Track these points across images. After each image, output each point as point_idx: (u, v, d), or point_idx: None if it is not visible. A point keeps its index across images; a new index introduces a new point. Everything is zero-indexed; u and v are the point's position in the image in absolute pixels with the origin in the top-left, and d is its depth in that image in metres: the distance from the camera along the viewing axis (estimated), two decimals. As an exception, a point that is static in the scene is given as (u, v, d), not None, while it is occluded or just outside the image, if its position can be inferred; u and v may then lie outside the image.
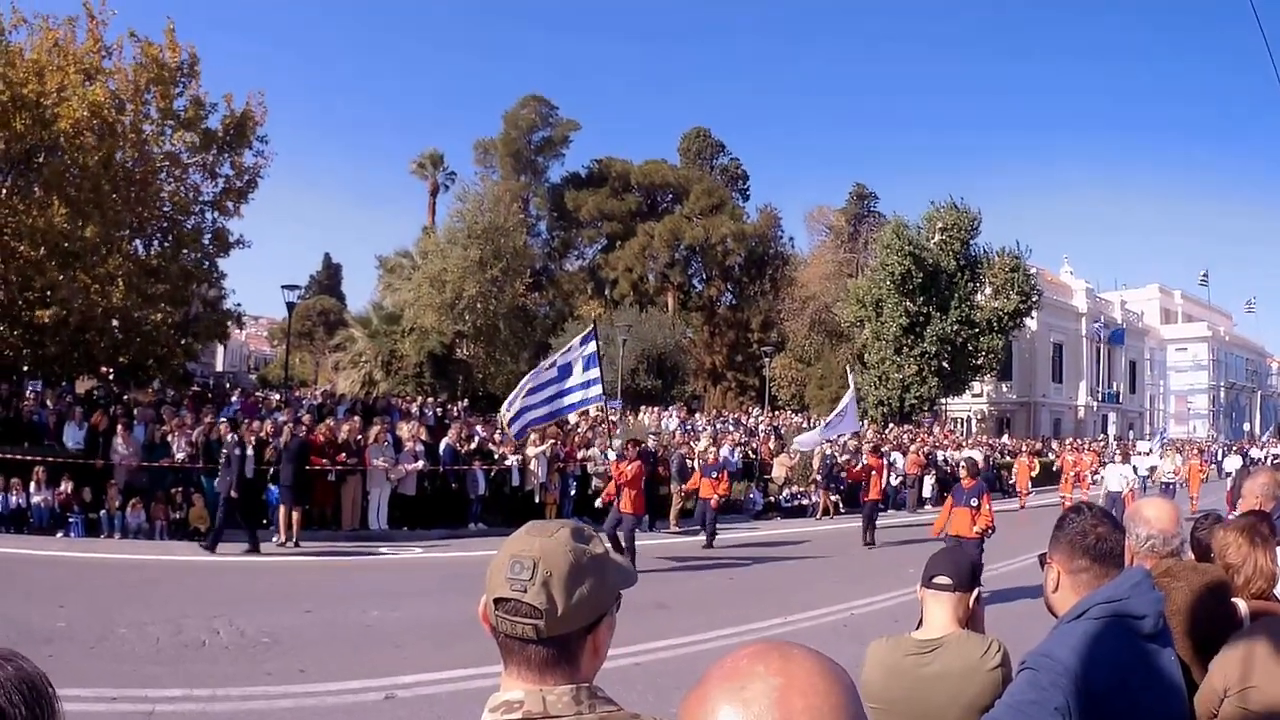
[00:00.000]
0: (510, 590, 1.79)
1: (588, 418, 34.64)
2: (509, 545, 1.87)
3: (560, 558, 1.82)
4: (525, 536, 1.88)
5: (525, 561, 1.81)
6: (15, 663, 1.33)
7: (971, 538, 15.63)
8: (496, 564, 1.85)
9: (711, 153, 76.25)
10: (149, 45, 28.94)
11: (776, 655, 1.17)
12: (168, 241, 31.06)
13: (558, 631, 1.80)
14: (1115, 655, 2.88)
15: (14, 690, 1.29)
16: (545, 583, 1.79)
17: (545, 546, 1.84)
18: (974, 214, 56.76)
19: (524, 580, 1.79)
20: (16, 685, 1.29)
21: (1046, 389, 73.86)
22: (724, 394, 68.94)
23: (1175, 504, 4.51)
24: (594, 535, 1.95)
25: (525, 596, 1.78)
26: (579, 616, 1.83)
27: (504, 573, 1.82)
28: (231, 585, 14.13)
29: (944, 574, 4.01)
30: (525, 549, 1.83)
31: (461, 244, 45.47)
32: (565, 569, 1.81)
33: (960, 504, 16.24)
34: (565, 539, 1.87)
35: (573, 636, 1.83)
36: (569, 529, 1.92)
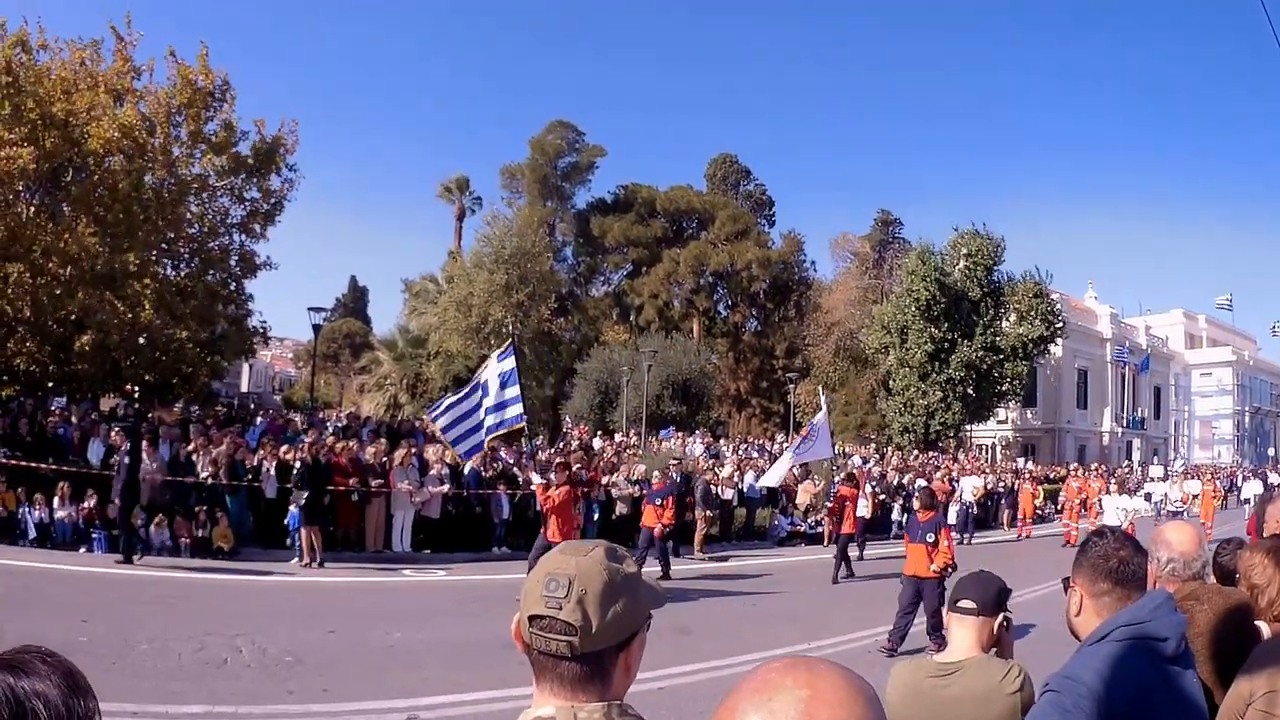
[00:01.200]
0: (545, 607, 1.82)
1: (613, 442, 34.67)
2: (544, 564, 1.90)
3: (595, 576, 1.85)
4: (560, 555, 1.91)
5: (561, 579, 1.83)
6: (56, 658, 1.35)
7: (929, 577, 13.75)
8: (532, 582, 1.87)
9: (737, 179, 76.29)
10: (184, 67, 29.11)
11: (804, 668, 1.21)
12: (195, 262, 31.20)
13: (591, 648, 1.82)
14: (1137, 677, 2.88)
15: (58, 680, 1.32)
16: (580, 600, 1.81)
17: (581, 565, 1.86)
18: (998, 240, 56.54)
19: (559, 597, 1.81)
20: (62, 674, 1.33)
21: (1071, 415, 73.44)
22: (749, 420, 68.82)
23: (1197, 527, 4.48)
24: (626, 555, 1.99)
25: (560, 613, 1.81)
26: (612, 634, 1.85)
27: (539, 590, 1.84)
28: (255, 604, 14.11)
29: (969, 598, 4.05)
30: (561, 567, 1.86)
31: (488, 268, 45.57)
32: (600, 587, 1.84)
33: (915, 540, 14.29)
34: (600, 558, 1.90)
35: (606, 654, 1.85)
36: (603, 548, 1.95)
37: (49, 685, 1.30)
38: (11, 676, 1.28)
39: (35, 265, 25.00)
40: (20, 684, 1.28)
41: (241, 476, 20.67)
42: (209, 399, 33.70)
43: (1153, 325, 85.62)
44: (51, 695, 1.27)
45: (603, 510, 25.37)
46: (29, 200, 26.00)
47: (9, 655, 1.33)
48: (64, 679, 1.30)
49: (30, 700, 1.25)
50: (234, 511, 20.31)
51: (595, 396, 51.33)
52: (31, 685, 1.28)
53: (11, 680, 1.28)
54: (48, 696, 1.26)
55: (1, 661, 1.31)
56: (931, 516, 14.64)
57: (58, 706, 1.27)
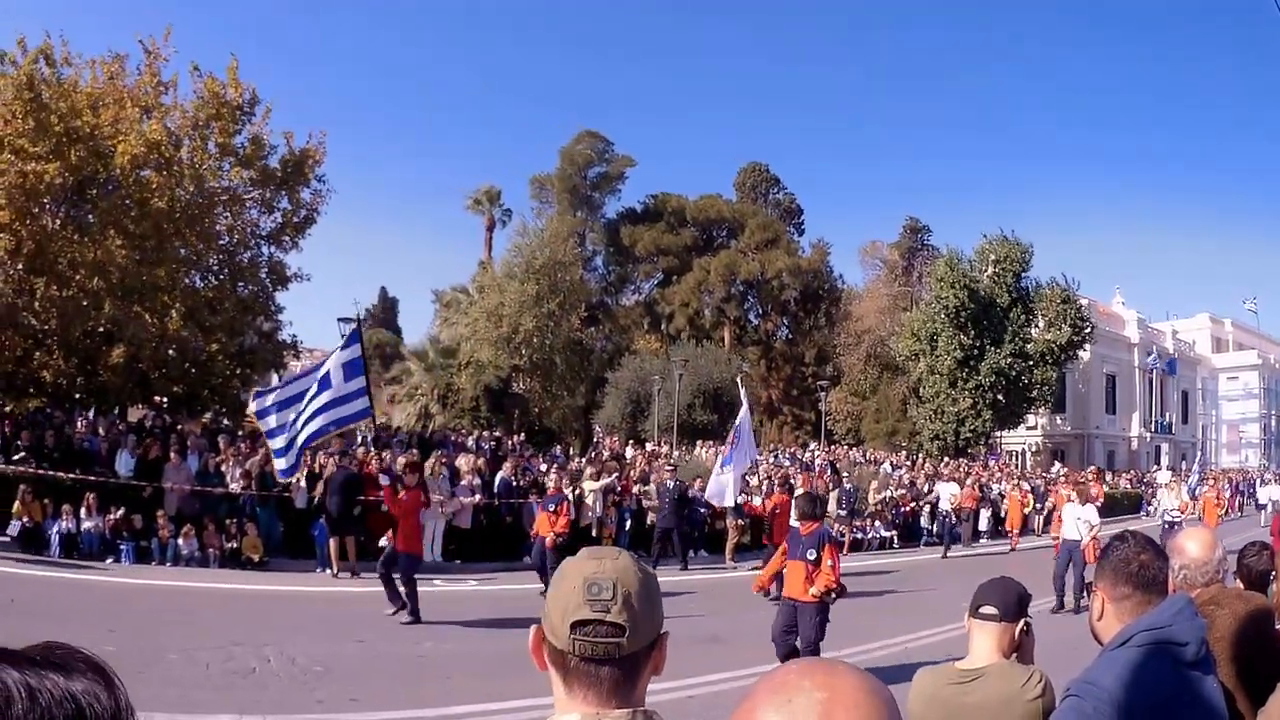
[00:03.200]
0: (592, 612, 1.81)
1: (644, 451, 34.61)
2: (576, 570, 1.89)
3: (632, 577, 1.88)
4: (593, 561, 1.91)
5: (604, 582, 1.84)
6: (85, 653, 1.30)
7: (808, 601, 11.47)
8: (566, 590, 1.87)
9: (766, 187, 76.30)
10: (211, 81, 29.26)
11: (822, 670, 1.22)
12: (224, 274, 31.33)
13: (635, 648, 1.84)
14: (1158, 682, 2.90)
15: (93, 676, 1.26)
16: (626, 600, 1.83)
17: (617, 567, 1.88)
18: (1025, 246, 56.63)
19: (605, 600, 1.82)
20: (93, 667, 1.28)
21: (1100, 420, 73.50)
22: (780, 428, 68.76)
23: (1213, 532, 4.43)
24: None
25: (609, 616, 1.81)
26: (649, 633, 1.88)
27: (580, 596, 1.83)
28: (283, 614, 14.09)
29: (990, 604, 4.02)
30: (600, 571, 1.87)
31: (519, 279, 45.65)
32: (638, 587, 1.87)
33: (795, 556, 11.84)
34: (630, 560, 1.93)
35: (641, 655, 1.87)
36: (626, 552, 1.98)
37: (92, 682, 1.23)
38: (63, 676, 1.19)
39: (62, 278, 25.14)
40: (73, 684, 1.20)
41: (271, 487, 20.71)
42: (238, 410, 33.84)
43: (1179, 330, 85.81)
44: (100, 693, 1.22)
45: (635, 519, 25.34)
46: (55, 213, 26.14)
47: (47, 654, 1.25)
48: (99, 674, 1.25)
49: (85, 697, 1.20)
50: (263, 522, 20.36)
51: (627, 406, 51.35)
52: (83, 684, 1.20)
53: (65, 680, 1.19)
54: (97, 694, 1.22)
55: (45, 660, 1.22)
56: (814, 529, 11.95)
57: (108, 702, 1.22)
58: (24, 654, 1.23)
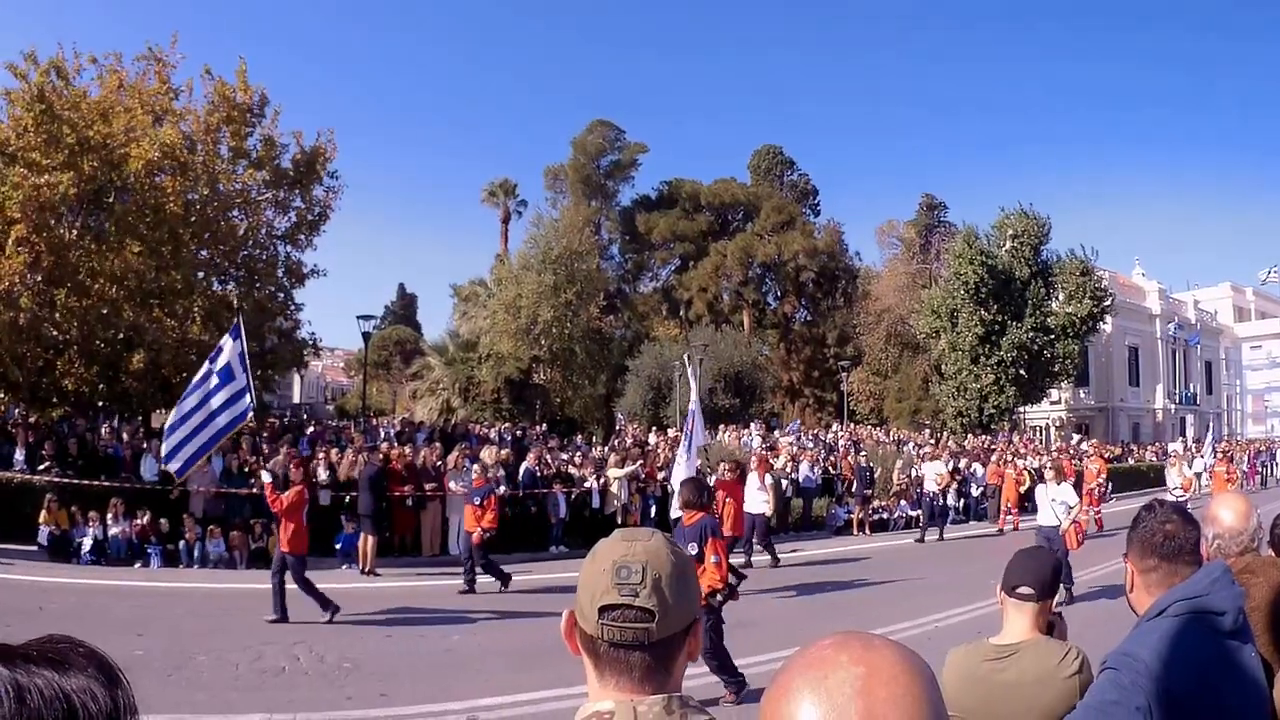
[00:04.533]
0: (620, 596, 1.77)
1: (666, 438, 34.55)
2: (607, 553, 1.85)
3: (664, 560, 1.83)
4: (623, 543, 1.87)
5: (634, 566, 1.80)
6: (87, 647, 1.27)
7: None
8: (595, 573, 1.83)
9: (781, 170, 76.19)
10: (222, 84, 29.31)
11: (859, 644, 1.18)
12: (242, 276, 31.37)
13: (666, 634, 1.79)
14: (1195, 653, 2.85)
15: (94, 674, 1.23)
16: (656, 585, 1.78)
17: (649, 550, 1.84)
18: (1044, 220, 56.39)
19: (634, 585, 1.78)
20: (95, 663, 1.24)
21: (1124, 393, 73.17)
22: (802, 410, 68.62)
23: (1248, 500, 4.33)
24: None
25: (638, 600, 1.77)
26: (683, 618, 1.83)
27: (608, 580, 1.80)
28: (312, 613, 14.10)
29: (1026, 584, 3.98)
30: (629, 554, 1.82)
31: (535, 270, 45.59)
32: (670, 570, 1.82)
33: None
34: (662, 542, 1.88)
35: (674, 640, 1.82)
36: (659, 534, 1.93)
37: (91, 679, 1.21)
38: (57, 673, 1.20)
39: (81, 287, 25.20)
40: (68, 681, 1.20)
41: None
42: (261, 411, 33.90)
43: (1201, 299, 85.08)
44: (98, 691, 1.19)
45: (659, 506, 25.31)
46: (71, 224, 26.20)
47: (44, 648, 1.24)
48: (100, 670, 1.22)
49: (79, 696, 1.16)
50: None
51: (648, 393, 51.29)
52: (79, 682, 1.20)
53: (58, 677, 1.19)
54: (94, 692, 1.18)
55: (40, 656, 1.21)
56: (697, 520, 10.57)
57: (105, 700, 1.19)
58: (19, 650, 1.20)
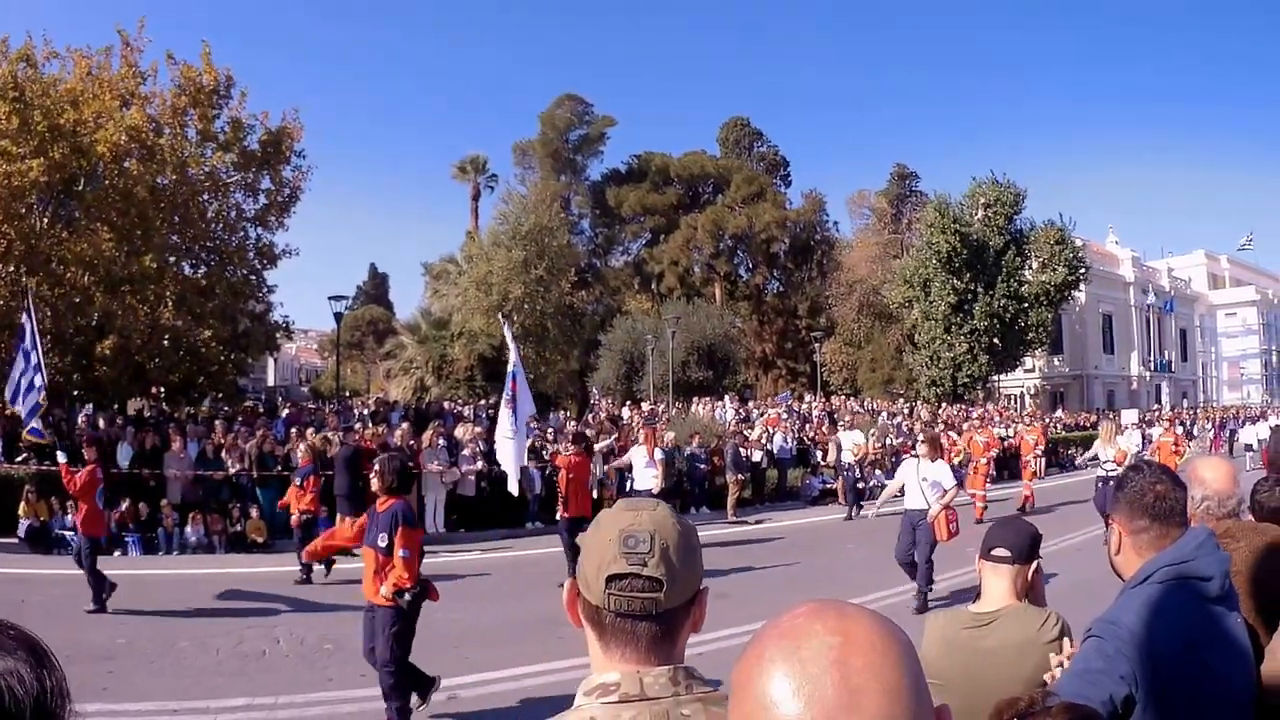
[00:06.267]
0: (628, 565, 1.78)
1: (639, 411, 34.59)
2: (612, 522, 1.86)
3: (670, 529, 1.84)
4: (629, 513, 1.88)
5: (641, 535, 1.80)
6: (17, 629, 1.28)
7: (382, 605, 8.63)
8: (601, 542, 1.83)
9: (750, 141, 75.92)
10: (187, 68, 29.18)
11: (834, 613, 1.14)
12: (213, 260, 31.28)
13: (673, 603, 1.80)
14: (1181, 620, 2.85)
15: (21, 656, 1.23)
16: (664, 554, 1.79)
17: (655, 519, 1.85)
18: (1017, 189, 56.33)
19: (642, 554, 1.78)
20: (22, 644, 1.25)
21: (1099, 360, 73.33)
22: (775, 381, 68.65)
23: (1232, 463, 4.38)
24: None
25: (645, 569, 1.78)
26: (690, 587, 1.85)
27: (615, 549, 1.80)
28: (291, 595, 14.14)
29: (1002, 546, 3.99)
30: (636, 523, 1.83)
31: (505, 246, 45.48)
32: (677, 540, 1.83)
33: (369, 541, 8.89)
34: (667, 511, 1.90)
35: (679, 610, 1.84)
36: (663, 504, 1.94)
37: (19, 661, 1.20)
38: None
39: (53, 275, 25.11)
40: None
41: (271, 468, 20.77)
42: (236, 395, 33.82)
43: (1175, 267, 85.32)
44: (24, 672, 1.19)
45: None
46: (42, 212, 26.08)
47: None
48: (30, 652, 1.22)
49: (5, 679, 1.17)
50: (265, 504, 20.40)
51: (621, 367, 51.26)
52: (4, 664, 1.19)
53: None
54: (20, 674, 1.19)
55: None
56: (390, 505, 8.87)
57: (31, 684, 1.19)
58: None
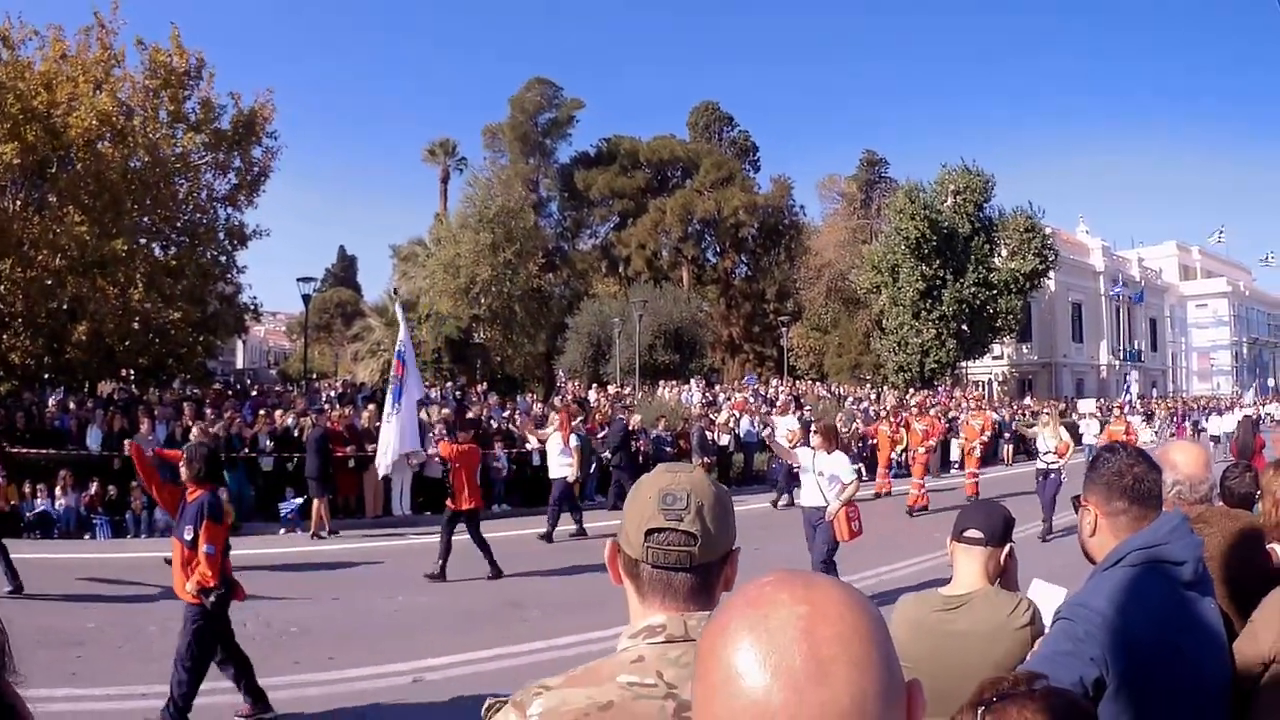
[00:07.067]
0: (665, 520, 1.89)
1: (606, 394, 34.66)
2: (652, 483, 1.97)
3: (706, 489, 1.95)
4: (668, 474, 1.98)
5: (679, 493, 1.91)
6: None
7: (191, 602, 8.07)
8: (642, 500, 1.95)
9: (720, 126, 75.74)
10: (156, 51, 29.03)
11: (800, 583, 1.12)
12: (183, 242, 31.15)
13: (707, 558, 1.91)
14: (1153, 604, 2.82)
15: None
16: (699, 511, 1.90)
17: (692, 480, 1.96)
18: (987, 176, 56.37)
19: (679, 510, 1.89)
20: None
21: (1067, 349, 73.36)
22: (742, 365, 68.65)
23: (1206, 448, 4.41)
24: None
25: (681, 525, 1.89)
26: (723, 544, 1.95)
27: (654, 505, 1.91)
28: (257, 578, 14.15)
29: (975, 527, 3.97)
30: (674, 483, 1.94)
31: (473, 229, 45.43)
32: (712, 499, 1.94)
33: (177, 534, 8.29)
34: (703, 474, 2.01)
35: (714, 566, 1.94)
36: (700, 467, 2.09)
37: None
38: None
39: (25, 258, 24.98)
40: None
41: (238, 450, 20.75)
42: (205, 378, 33.71)
43: (1146, 257, 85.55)
44: None
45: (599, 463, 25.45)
46: (15, 195, 25.93)
47: None
48: None
49: None
50: (233, 486, 20.36)
51: (588, 350, 51.23)
52: None
53: None
54: None
55: None
56: (198, 496, 8.19)
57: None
58: None
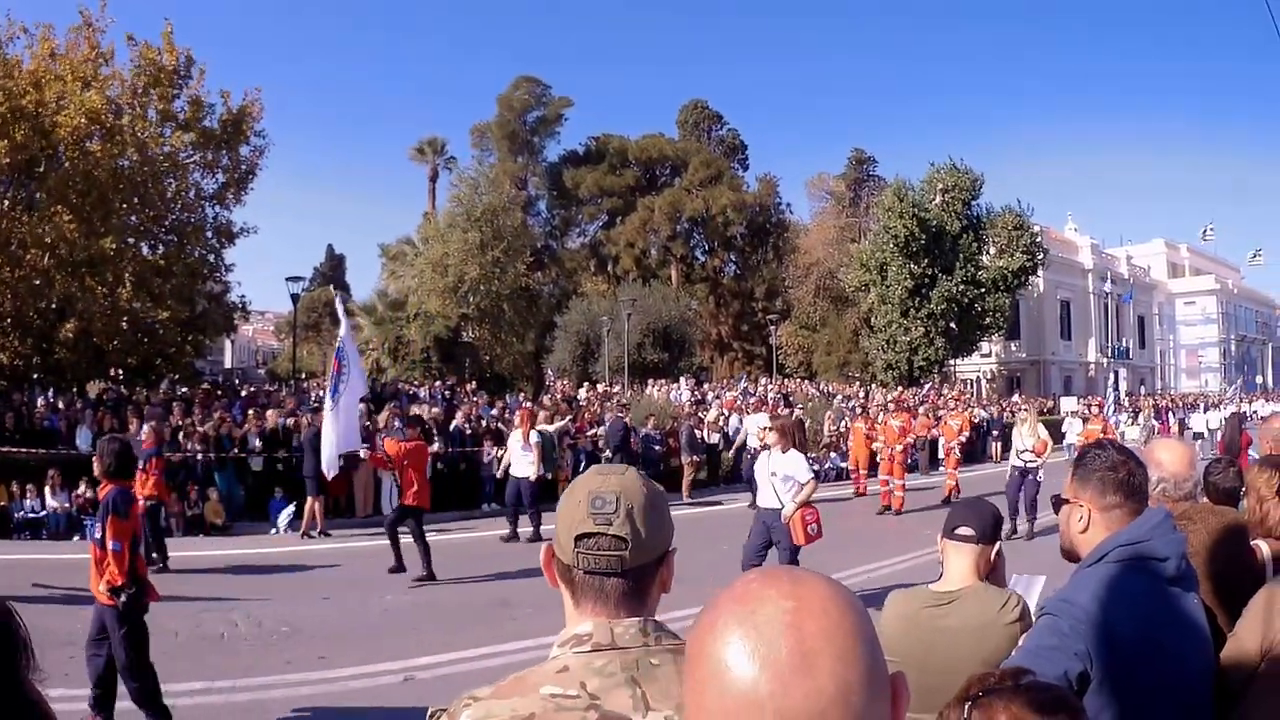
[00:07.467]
0: (595, 525, 1.87)
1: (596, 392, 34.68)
2: (582, 485, 1.94)
3: (637, 491, 1.92)
4: (598, 477, 1.96)
5: (607, 496, 1.89)
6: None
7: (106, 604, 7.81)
8: (572, 504, 1.92)
9: (709, 124, 75.69)
10: (146, 48, 28.97)
11: (787, 579, 1.15)
12: (172, 240, 31.08)
13: (639, 561, 1.89)
14: (1137, 599, 2.84)
15: None
16: (629, 514, 1.88)
17: (623, 483, 1.93)
18: (975, 174, 56.37)
19: (608, 514, 1.87)
20: None
21: (1056, 347, 73.63)
22: (731, 364, 68.67)
23: (1190, 446, 4.42)
24: None
25: (611, 529, 1.86)
26: (657, 546, 1.93)
27: (584, 510, 1.88)
28: (247, 578, 14.20)
29: (967, 525, 3.99)
30: (604, 486, 1.92)
31: (461, 227, 45.35)
32: (643, 501, 1.91)
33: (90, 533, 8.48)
34: (635, 476, 1.98)
35: (647, 569, 1.92)
36: (633, 469, 2.02)
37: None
38: None
39: (13, 258, 24.93)
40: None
41: (228, 450, 20.73)
42: (193, 378, 33.63)
43: (1134, 255, 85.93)
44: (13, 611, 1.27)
45: (589, 461, 25.46)
46: (3, 194, 25.89)
47: None
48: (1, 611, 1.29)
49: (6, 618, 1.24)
50: (223, 487, 20.36)
51: (577, 349, 51.22)
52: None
53: None
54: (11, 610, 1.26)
55: None
56: (108, 492, 8.07)
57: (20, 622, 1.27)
58: None
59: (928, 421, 32.09)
